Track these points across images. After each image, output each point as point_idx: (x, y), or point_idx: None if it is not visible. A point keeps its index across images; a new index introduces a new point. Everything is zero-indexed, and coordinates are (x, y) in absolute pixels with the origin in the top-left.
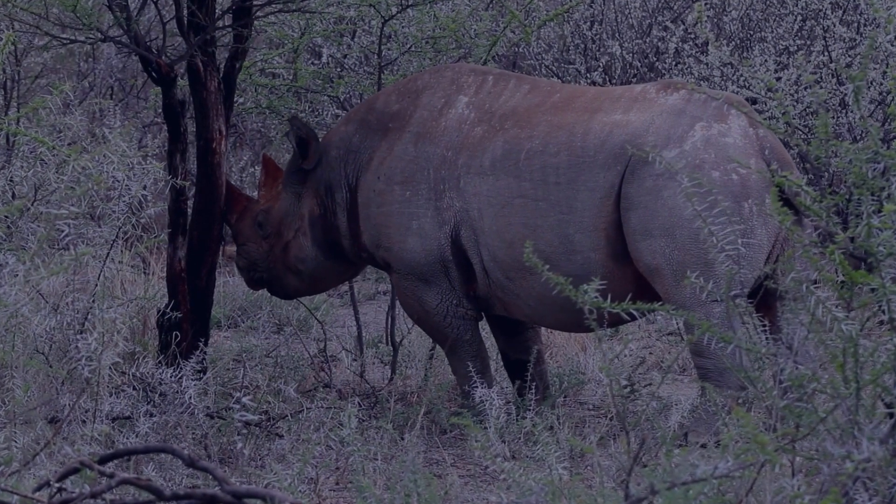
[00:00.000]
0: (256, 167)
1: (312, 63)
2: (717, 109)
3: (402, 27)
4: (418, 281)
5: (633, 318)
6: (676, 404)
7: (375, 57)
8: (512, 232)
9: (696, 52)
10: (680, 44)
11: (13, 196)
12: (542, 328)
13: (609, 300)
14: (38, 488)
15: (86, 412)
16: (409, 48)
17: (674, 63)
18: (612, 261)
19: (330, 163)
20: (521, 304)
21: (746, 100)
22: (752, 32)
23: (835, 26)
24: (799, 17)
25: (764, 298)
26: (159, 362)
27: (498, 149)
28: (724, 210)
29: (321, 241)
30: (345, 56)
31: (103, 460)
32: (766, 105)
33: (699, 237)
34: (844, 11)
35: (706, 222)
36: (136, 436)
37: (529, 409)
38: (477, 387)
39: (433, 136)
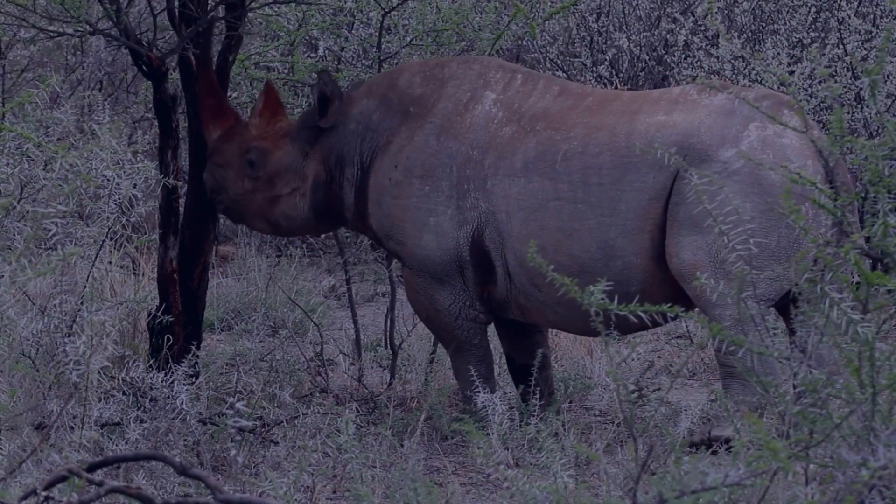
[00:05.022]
0: None
1: (309, 56)
2: (768, 110)
3: (403, 19)
4: (431, 279)
5: (658, 324)
6: (686, 410)
7: (374, 50)
8: (545, 236)
9: (707, 44)
10: (689, 36)
11: None
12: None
13: (647, 306)
14: (25, 497)
15: (74, 418)
16: (410, 41)
17: (683, 56)
18: (655, 266)
19: (347, 136)
20: (546, 310)
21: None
22: (764, 24)
23: (850, 18)
24: (813, 9)
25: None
26: (150, 366)
27: (530, 150)
28: (781, 212)
29: (320, 206)
30: (342, 49)
31: (92, 468)
32: None
33: (751, 237)
34: (860, 3)
35: (716, 221)
36: (126, 442)
37: (533, 415)
38: (479, 392)
39: (457, 132)
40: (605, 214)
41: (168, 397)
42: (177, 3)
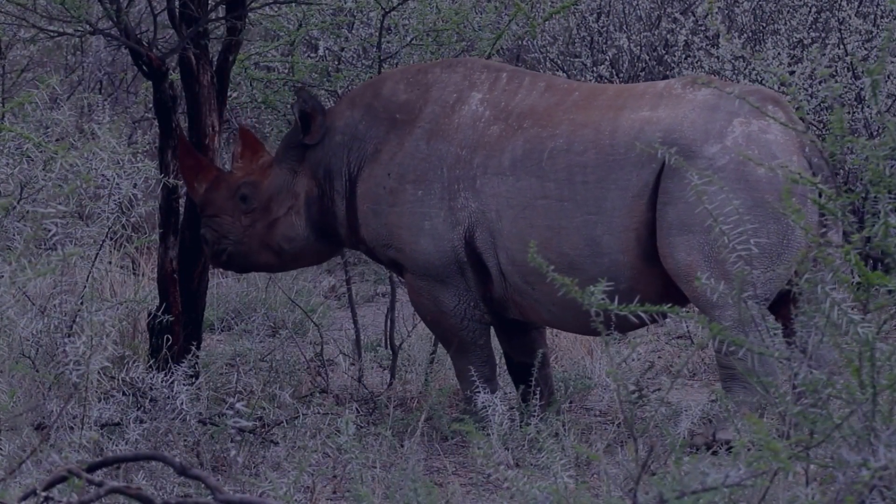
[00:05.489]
0: None
1: (309, 56)
2: (753, 105)
3: (403, 19)
4: (435, 282)
5: (654, 321)
6: (686, 410)
7: (375, 50)
8: (534, 234)
9: (707, 44)
10: (690, 36)
11: None
12: (546, 330)
13: (637, 303)
14: (24, 497)
15: (74, 418)
16: (410, 41)
17: (683, 56)
18: (642, 262)
19: (333, 148)
20: (540, 308)
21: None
22: (764, 24)
23: (850, 18)
24: (813, 9)
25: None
26: (150, 367)
27: (518, 148)
28: (770, 208)
29: (316, 222)
30: (342, 49)
31: (92, 468)
32: None
33: (741, 235)
34: (861, 3)
35: (717, 222)
36: (126, 443)
37: (534, 415)
38: (480, 392)
39: (446, 134)
40: (591, 212)
41: (168, 397)
42: (177, 3)
